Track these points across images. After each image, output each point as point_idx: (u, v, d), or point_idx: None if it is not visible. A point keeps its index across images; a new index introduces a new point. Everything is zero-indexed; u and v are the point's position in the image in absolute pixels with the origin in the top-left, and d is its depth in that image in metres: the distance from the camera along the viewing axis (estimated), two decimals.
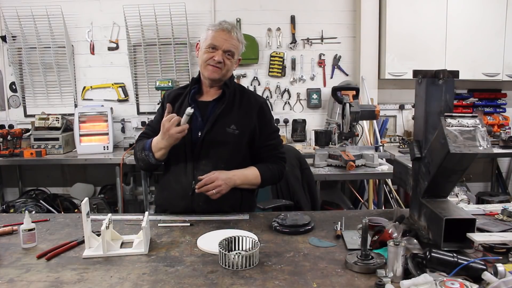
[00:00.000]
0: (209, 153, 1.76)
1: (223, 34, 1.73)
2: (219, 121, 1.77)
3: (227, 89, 1.81)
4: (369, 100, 3.95)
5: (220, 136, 1.76)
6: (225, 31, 1.73)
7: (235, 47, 1.76)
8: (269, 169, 1.84)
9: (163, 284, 1.16)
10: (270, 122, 1.90)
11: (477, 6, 3.89)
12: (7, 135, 3.70)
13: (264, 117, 1.85)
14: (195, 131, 1.77)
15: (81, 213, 1.39)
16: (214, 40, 1.73)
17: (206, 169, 1.73)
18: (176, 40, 4.04)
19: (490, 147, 1.26)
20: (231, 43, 1.74)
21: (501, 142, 3.74)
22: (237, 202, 1.82)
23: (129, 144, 3.85)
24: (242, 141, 1.79)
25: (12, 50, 4.05)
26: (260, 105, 1.84)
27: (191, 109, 1.64)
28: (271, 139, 1.87)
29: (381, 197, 3.45)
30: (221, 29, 1.73)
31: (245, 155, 1.84)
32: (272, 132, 1.88)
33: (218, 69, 1.74)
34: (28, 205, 3.63)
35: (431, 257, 1.12)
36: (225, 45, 1.73)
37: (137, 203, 4.00)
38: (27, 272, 1.24)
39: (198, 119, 1.79)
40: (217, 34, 1.73)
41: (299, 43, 4.17)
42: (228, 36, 1.73)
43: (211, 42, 1.73)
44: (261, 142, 1.84)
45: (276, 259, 1.31)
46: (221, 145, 1.76)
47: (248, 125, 1.80)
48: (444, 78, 1.38)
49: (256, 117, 1.82)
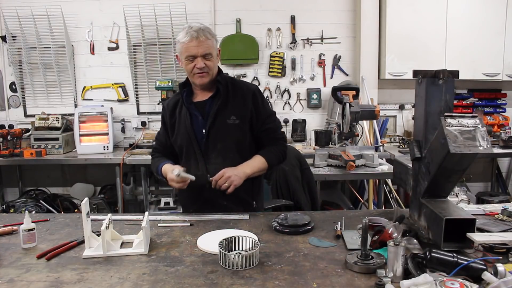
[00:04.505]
0: (217, 146, 1.87)
1: (193, 42, 1.76)
2: (219, 116, 1.85)
3: (220, 86, 1.87)
4: (369, 100, 3.95)
5: (223, 128, 1.85)
6: (193, 39, 1.76)
7: (209, 47, 1.80)
8: (271, 151, 1.92)
9: (163, 284, 1.16)
10: (265, 106, 1.96)
11: (477, 6, 3.89)
12: (7, 135, 3.70)
13: (258, 103, 1.91)
14: (199, 130, 1.88)
15: (81, 213, 1.39)
16: (188, 51, 1.78)
17: (217, 161, 1.85)
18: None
19: (490, 147, 1.26)
20: (204, 46, 1.78)
21: (501, 142, 3.74)
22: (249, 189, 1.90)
23: (129, 144, 3.86)
24: (244, 129, 1.88)
25: (12, 50, 4.05)
26: (252, 92, 1.91)
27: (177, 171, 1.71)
28: (268, 123, 1.94)
29: (381, 197, 3.45)
30: (190, 39, 1.77)
31: (250, 141, 1.92)
32: (268, 115, 1.95)
33: (205, 74, 1.82)
34: (28, 205, 3.63)
35: (431, 257, 1.12)
36: (199, 51, 1.78)
37: (137, 203, 4.00)
38: (27, 272, 1.24)
39: (199, 118, 1.88)
40: (188, 45, 1.77)
41: (299, 43, 4.16)
42: (197, 42, 1.77)
43: (187, 54, 1.79)
44: (259, 126, 1.91)
45: (276, 259, 1.31)
46: (225, 136, 1.86)
47: (245, 112, 1.88)
48: (444, 78, 1.38)
49: (251, 104, 1.89)
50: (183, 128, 1.89)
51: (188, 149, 1.90)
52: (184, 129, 1.89)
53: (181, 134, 1.91)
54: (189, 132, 1.87)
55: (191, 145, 1.88)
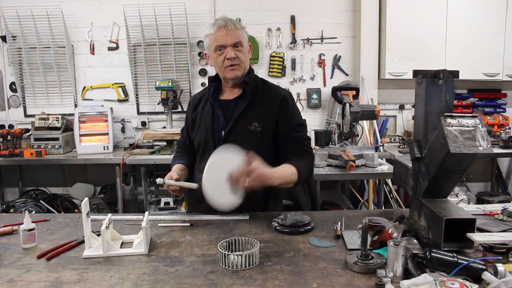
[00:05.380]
0: None
1: (222, 31, 1.72)
2: (240, 120, 1.76)
3: (247, 87, 1.79)
4: (369, 100, 3.95)
5: (242, 134, 1.75)
6: (222, 28, 1.72)
7: (238, 36, 1.73)
8: (301, 163, 1.70)
9: (163, 284, 1.16)
10: (294, 114, 1.81)
11: (477, 6, 3.89)
12: (7, 135, 3.70)
13: (286, 110, 1.79)
14: (218, 131, 1.79)
15: (81, 213, 1.39)
16: (217, 41, 1.72)
17: None
18: (176, 40, 4.05)
19: (490, 147, 1.26)
20: (233, 35, 1.72)
21: (501, 142, 3.74)
22: (261, 200, 1.81)
23: (129, 144, 3.86)
24: (265, 137, 1.76)
25: (12, 50, 4.05)
26: (282, 98, 1.80)
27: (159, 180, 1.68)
28: (296, 132, 1.79)
29: (381, 197, 3.45)
30: (218, 28, 1.72)
31: (269, 150, 1.79)
32: (296, 125, 1.80)
33: (237, 66, 1.73)
34: (28, 205, 3.63)
35: (431, 257, 1.12)
36: (229, 40, 1.71)
37: (137, 203, 4.00)
38: (27, 272, 1.24)
39: (220, 118, 1.80)
40: (216, 35, 1.73)
41: (299, 43, 4.17)
42: (226, 31, 1.71)
43: (216, 44, 1.73)
44: (285, 134, 1.78)
45: (276, 259, 1.31)
46: (243, 143, 1.69)
47: (270, 120, 1.77)
48: (444, 78, 1.38)
49: (278, 111, 1.77)
50: (203, 125, 1.82)
51: (204, 149, 1.81)
52: (204, 127, 1.82)
53: (200, 131, 1.84)
54: (207, 131, 1.80)
55: (207, 145, 1.79)
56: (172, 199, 3.75)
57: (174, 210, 3.65)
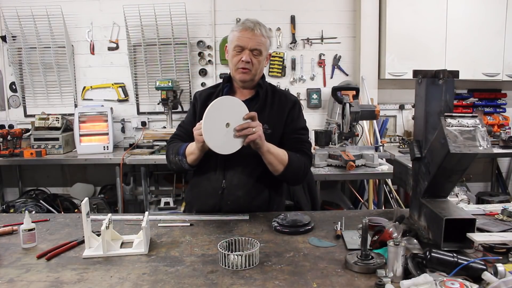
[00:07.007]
0: (241, 151, 1.66)
1: (247, 33, 1.71)
2: None
3: (260, 90, 1.80)
4: (369, 100, 3.95)
5: None
6: (248, 30, 1.71)
7: (261, 44, 1.73)
8: (297, 156, 1.76)
9: (163, 284, 1.16)
10: (300, 119, 1.86)
11: (477, 6, 3.89)
12: (7, 135, 3.70)
13: (294, 114, 1.83)
14: None
15: (81, 213, 1.39)
16: (239, 40, 1.72)
17: (236, 169, 1.75)
18: (176, 40, 4.05)
19: (490, 147, 1.26)
20: (256, 41, 1.71)
21: (501, 142, 3.74)
22: (265, 202, 1.82)
23: (129, 144, 3.86)
24: (274, 140, 1.76)
25: (12, 50, 4.05)
26: (293, 103, 1.84)
27: None
28: (299, 134, 1.83)
29: (381, 197, 3.45)
30: (244, 29, 1.71)
31: None
32: (301, 128, 1.85)
33: (248, 71, 1.74)
34: (28, 205, 3.63)
35: (431, 257, 1.12)
36: (250, 44, 1.71)
37: (137, 203, 4.00)
38: (27, 272, 1.24)
39: None
40: (241, 34, 1.72)
41: (299, 43, 4.17)
42: (251, 35, 1.70)
43: (237, 43, 1.73)
44: (289, 134, 1.81)
45: (276, 259, 1.31)
46: None
47: (280, 123, 1.80)
48: (444, 78, 1.38)
49: (287, 114, 1.81)
50: None
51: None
52: None
53: None
54: None
55: None
56: (172, 199, 3.75)
57: (174, 210, 3.65)
